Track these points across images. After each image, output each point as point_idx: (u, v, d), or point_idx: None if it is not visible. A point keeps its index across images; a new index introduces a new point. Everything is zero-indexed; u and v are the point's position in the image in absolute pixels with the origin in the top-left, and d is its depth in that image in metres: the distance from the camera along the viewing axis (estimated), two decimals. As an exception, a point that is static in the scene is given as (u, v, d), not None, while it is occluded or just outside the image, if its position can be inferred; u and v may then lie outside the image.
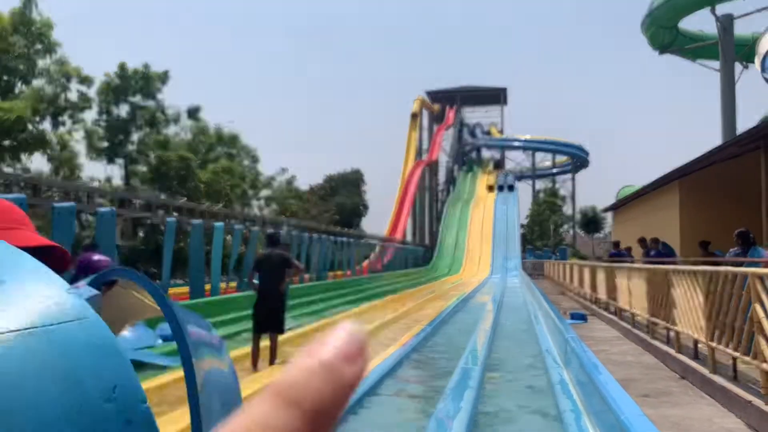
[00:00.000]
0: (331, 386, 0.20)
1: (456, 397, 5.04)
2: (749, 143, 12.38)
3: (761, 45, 20.18)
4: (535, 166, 59.14)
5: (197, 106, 31.30)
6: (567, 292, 20.88)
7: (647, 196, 21.42)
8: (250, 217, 18.20)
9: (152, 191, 25.10)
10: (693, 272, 6.71)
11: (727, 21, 25.75)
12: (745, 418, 4.79)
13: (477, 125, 63.55)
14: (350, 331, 0.23)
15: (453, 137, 57.90)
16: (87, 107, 23.18)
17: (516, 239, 40.86)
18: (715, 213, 15.28)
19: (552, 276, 29.53)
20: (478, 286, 22.65)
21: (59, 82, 21.30)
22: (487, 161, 60.75)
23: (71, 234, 9.21)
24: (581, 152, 58.06)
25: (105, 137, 25.25)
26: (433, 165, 53.38)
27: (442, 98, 61.03)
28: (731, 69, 25.83)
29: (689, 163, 15.66)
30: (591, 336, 9.49)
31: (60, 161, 20.59)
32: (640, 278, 9.46)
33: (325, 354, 0.21)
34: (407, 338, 8.48)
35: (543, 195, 53.29)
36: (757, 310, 4.80)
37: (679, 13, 27.92)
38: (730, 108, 25.27)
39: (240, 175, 31.08)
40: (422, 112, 54.37)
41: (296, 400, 0.20)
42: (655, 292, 8.45)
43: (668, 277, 7.69)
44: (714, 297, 5.93)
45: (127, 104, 26.17)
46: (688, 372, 6.45)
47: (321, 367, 0.21)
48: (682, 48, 30.33)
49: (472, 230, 42.06)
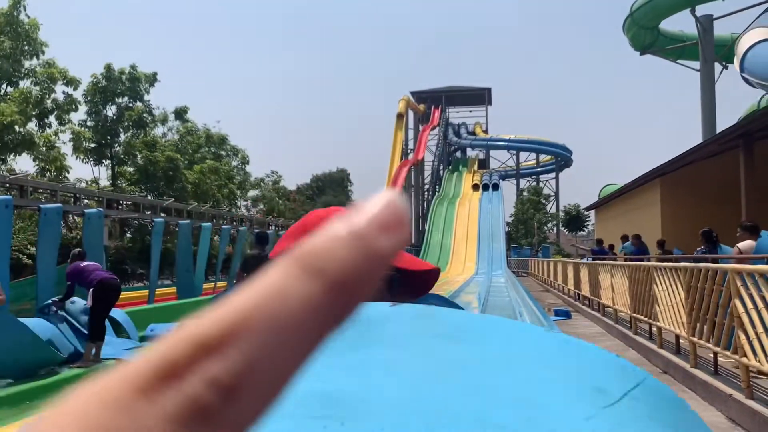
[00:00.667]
0: (360, 257, 0.17)
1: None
2: (728, 142, 12.63)
3: (740, 45, 20.55)
4: (519, 165, 59.53)
5: (184, 107, 31.15)
6: (551, 289, 21.11)
7: (629, 194, 21.71)
8: (237, 217, 18.16)
9: (139, 192, 24.94)
10: (674, 269, 6.86)
11: (707, 22, 26.15)
12: (726, 411, 4.94)
13: (462, 125, 63.81)
14: (389, 199, 0.19)
15: (438, 137, 58.09)
16: (73, 109, 22.99)
17: (501, 237, 41.13)
18: (696, 210, 15.55)
19: (536, 273, 29.81)
20: (463, 285, 22.80)
21: (46, 84, 21.11)
22: (472, 161, 61.04)
23: (58, 235, 9.18)
24: (564, 151, 58.53)
25: (92, 138, 25.05)
26: (419, 164, 53.54)
27: (428, 98, 61.19)
28: (711, 69, 26.24)
29: (670, 161, 15.92)
30: (575, 332, 9.65)
31: (46, 162, 20.40)
32: (623, 275, 9.63)
33: (357, 222, 0.18)
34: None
35: (527, 194, 53.65)
36: (737, 305, 4.95)
37: (660, 15, 28.29)
38: (710, 107, 25.67)
39: (227, 175, 30.98)
40: (408, 112, 54.49)
41: (319, 269, 0.17)
42: (637, 288, 8.62)
43: (650, 273, 7.85)
44: (695, 293, 6.09)
45: (114, 105, 25.99)
46: (670, 367, 6.61)
47: (351, 235, 0.17)
48: (662, 48, 30.73)
49: (458, 229, 42.28)
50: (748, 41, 20.11)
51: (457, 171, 57.02)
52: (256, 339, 0.15)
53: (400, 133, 51.33)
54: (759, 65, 19.15)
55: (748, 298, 4.80)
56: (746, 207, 11.97)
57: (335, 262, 0.17)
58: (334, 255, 0.17)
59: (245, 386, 0.15)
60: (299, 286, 0.16)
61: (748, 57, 19.75)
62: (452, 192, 51.14)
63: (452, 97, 62.94)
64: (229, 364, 0.15)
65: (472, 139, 61.82)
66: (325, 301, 0.16)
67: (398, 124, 51.33)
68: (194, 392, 0.14)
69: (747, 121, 11.97)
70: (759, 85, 20.03)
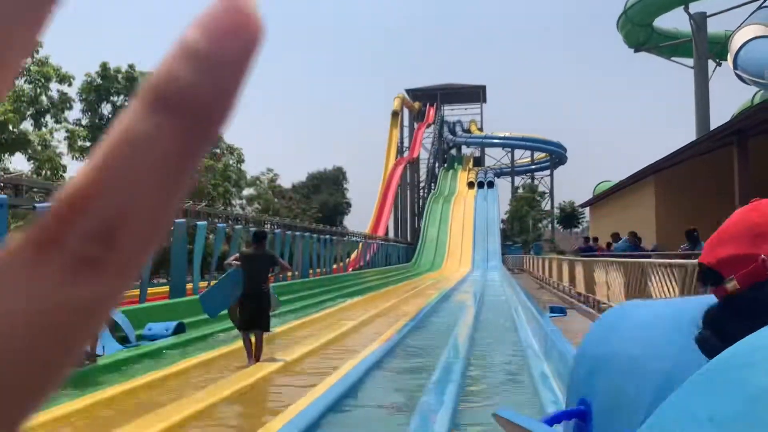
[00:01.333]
0: (199, 73, 0.15)
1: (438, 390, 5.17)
2: (722, 138, 12.69)
3: (734, 42, 20.65)
4: (514, 163, 59.65)
5: None
6: (546, 286, 21.18)
7: (623, 191, 21.78)
8: (233, 215, 18.14)
9: None
10: (668, 265, 6.91)
11: (701, 19, 26.25)
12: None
13: (457, 122, 63.88)
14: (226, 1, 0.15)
15: (434, 135, 58.16)
16: (67, 107, 22.89)
17: (496, 235, 41.25)
18: (690, 207, 15.61)
19: (531, 270, 29.90)
20: (459, 282, 22.84)
21: (40, 82, 21.01)
22: (467, 158, 61.12)
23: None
24: (559, 149, 58.71)
25: (87, 137, 24.97)
26: (414, 162, 53.58)
27: (423, 96, 61.24)
28: (705, 66, 26.34)
29: (664, 158, 15.99)
30: (571, 329, 9.69)
31: (41, 161, 20.31)
32: (618, 272, 9.68)
33: (189, 35, 0.15)
34: (391, 333, 8.60)
35: (522, 191, 53.78)
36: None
37: (654, 12, 28.39)
38: (703, 104, 25.78)
39: (221, 172, 30.93)
40: (403, 110, 54.51)
41: (159, 98, 0.15)
42: (632, 285, 8.67)
43: (644, 270, 7.90)
44: (689, 289, 6.12)
45: (109, 104, 25.90)
46: (664, 362, 6.64)
47: (183, 51, 0.15)
48: (656, 46, 30.84)
49: (453, 226, 42.36)
50: (742, 38, 20.21)
51: (453, 169, 57.10)
52: (117, 186, 0.15)
53: (396, 130, 51.38)
54: (752, 62, 19.25)
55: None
56: (740, 203, 11.93)
57: (172, 86, 0.15)
58: (170, 79, 0.15)
59: (120, 230, 0.15)
60: (144, 124, 0.15)
61: (741, 54, 19.85)
62: (447, 190, 51.22)
63: (447, 95, 62.99)
64: (98, 214, 0.15)
65: (467, 136, 61.90)
66: (173, 131, 0.15)
67: (393, 121, 51.38)
68: (74, 248, 0.14)
69: (741, 118, 12.03)
70: (752, 82, 20.13)
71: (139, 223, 0.15)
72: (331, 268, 23.27)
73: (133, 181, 0.15)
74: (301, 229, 20.64)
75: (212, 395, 5.08)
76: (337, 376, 5.68)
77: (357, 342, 8.38)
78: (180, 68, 0.15)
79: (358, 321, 10.45)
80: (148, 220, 0.15)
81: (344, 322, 10.37)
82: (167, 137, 0.15)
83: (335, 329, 9.32)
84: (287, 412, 4.39)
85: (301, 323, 10.17)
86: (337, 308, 12.94)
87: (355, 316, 11.18)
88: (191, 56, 0.15)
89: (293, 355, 7.07)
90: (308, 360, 7.14)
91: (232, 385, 5.46)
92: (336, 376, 5.68)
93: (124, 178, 0.15)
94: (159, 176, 0.15)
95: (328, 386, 5.23)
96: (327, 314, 11.72)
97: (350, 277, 22.50)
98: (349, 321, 10.44)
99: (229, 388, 5.36)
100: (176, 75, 0.15)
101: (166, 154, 0.15)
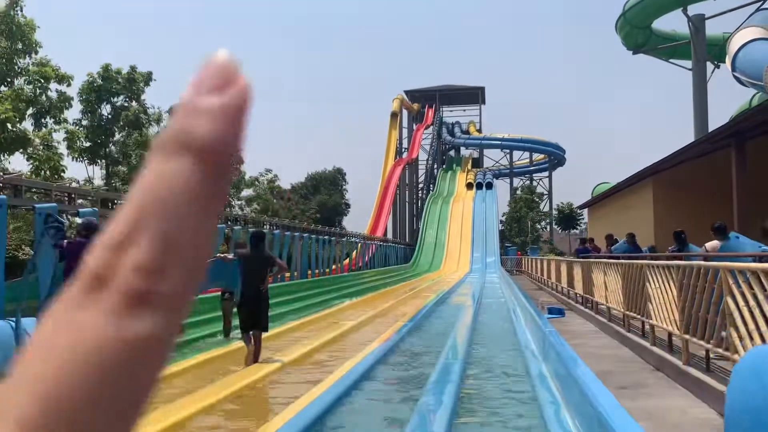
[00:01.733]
0: (215, 124, 0.19)
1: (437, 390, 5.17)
2: (720, 140, 12.71)
3: (732, 44, 20.67)
4: (512, 164, 59.66)
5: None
6: (544, 288, 21.18)
7: (622, 192, 21.80)
8: (231, 216, 18.12)
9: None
10: (667, 267, 6.92)
11: (699, 21, 26.29)
12: (718, 407, 4.98)
13: (456, 124, 63.89)
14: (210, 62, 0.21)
15: (432, 136, 58.16)
16: (66, 107, 22.83)
17: (494, 236, 41.22)
18: (688, 209, 15.63)
19: (529, 272, 29.90)
20: (457, 284, 22.85)
21: (39, 83, 20.97)
22: (466, 159, 61.12)
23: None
24: (558, 150, 58.70)
25: (86, 138, 24.91)
26: (413, 163, 53.57)
27: (421, 97, 61.24)
28: (703, 68, 26.38)
29: (662, 160, 16.00)
30: (569, 331, 9.70)
31: (40, 161, 20.25)
32: (616, 273, 9.68)
33: (188, 94, 0.20)
34: (390, 333, 8.60)
35: (520, 192, 53.78)
36: (729, 303, 5.00)
37: (652, 14, 28.42)
38: (702, 106, 25.81)
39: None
40: (402, 111, 54.49)
41: (181, 144, 0.19)
42: (630, 286, 8.67)
43: (643, 271, 7.91)
44: (687, 291, 6.14)
45: (109, 105, 25.84)
46: (663, 364, 6.65)
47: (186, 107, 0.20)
48: (655, 48, 30.87)
49: (452, 228, 42.34)
50: (740, 40, 20.23)
51: (451, 170, 57.09)
52: (158, 222, 0.16)
53: (395, 131, 51.37)
54: (750, 64, 19.26)
55: (739, 296, 4.85)
56: (738, 204, 12.05)
57: (189, 136, 0.19)
58: (186, 131, 0.19)
59: (167, 263, 0.16)
60: (174, 165, 0.18)
61: (739, 56, 19.87)
62: (446, 191, 51.20)
63: (446, 96, 62.99)
64: (144, 248, 0.16)
65: (466, 137, 61.89)
66: (199, 170, 0.18)
67: (392, 123, 51.37)
68: (125, 285, 0.16)
69: (739, 120, 12.05)
70: (750, 84, 20.15)
71: (185, 254, 0.17)
72: (330, 268, 23.24)
73: (174, 215, 0.17)
74: (300, 230, 20.64)
75: (211, 396, 5.08)
76: (336, 377, 5.68)
77: (356, 342, 8.38)
78: (192, 122, 0.19)
79: (357, 321, 10.46)
80: (191, 250, 0.17)
81: (343, 322, 10.38)
82: (196, 175, 0.18)
83: (334, 330, 9.33)
84: (286, 413, 4.40)
85: (300, 324, 10.17)
86: (335, 309, 12.93)
87: (354, 317, 11.18)
88: (198, 112, 0.19)
89: (292, 355, 7.07)
90: (307, 360, 7.14)
91: (231, 386, 5.46)
92: (335, 377, 5.68)
93: (164, 213, 0.17)
94: (196, 209, 0.17)
95: (327, 386, 5.23)
96: (326, 315, 11.72)
97: (349, 277, 22.48)
98: (348, 321, 10.45)
99: (228, 388, 5.37)
100: (190, 127, 0.19)
101: (199, 188, 0.18)
